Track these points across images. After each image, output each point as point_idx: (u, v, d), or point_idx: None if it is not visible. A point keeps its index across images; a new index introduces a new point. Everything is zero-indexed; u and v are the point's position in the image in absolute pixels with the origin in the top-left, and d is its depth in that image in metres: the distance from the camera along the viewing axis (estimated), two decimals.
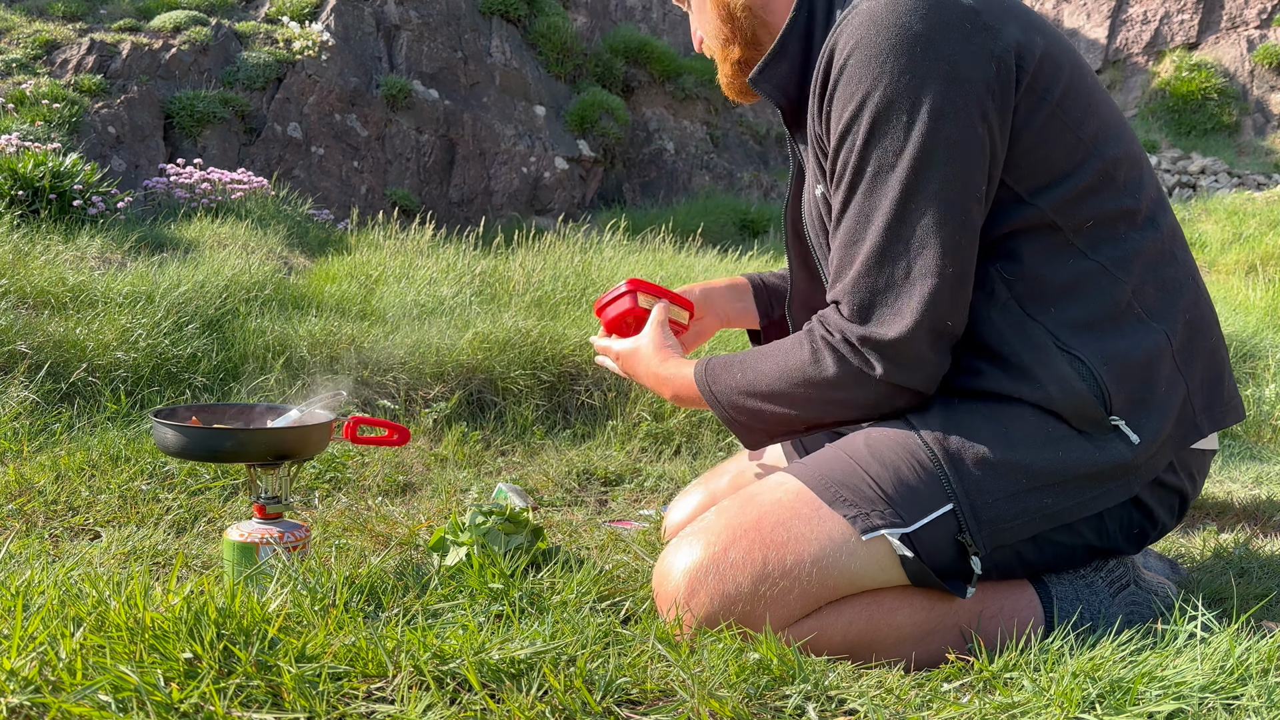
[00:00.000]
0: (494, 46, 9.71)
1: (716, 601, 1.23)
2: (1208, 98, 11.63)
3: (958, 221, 1.22)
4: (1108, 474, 1.26)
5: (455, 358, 3.05)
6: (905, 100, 1.20)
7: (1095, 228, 1.28)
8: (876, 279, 1.24)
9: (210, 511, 1.96)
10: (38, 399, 2.48)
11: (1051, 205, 1.27)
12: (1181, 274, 1.35)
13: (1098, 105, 1.32)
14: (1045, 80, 1.26)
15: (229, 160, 7.47)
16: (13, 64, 6.99)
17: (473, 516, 1.55)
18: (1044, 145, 1.27)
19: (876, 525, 1.23)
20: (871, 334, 1.24)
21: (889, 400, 1.28)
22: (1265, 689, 1.03)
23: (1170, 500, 1.35)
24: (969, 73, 1.21)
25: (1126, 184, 1.31)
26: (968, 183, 1.22)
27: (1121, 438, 1.26)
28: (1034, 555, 1.31)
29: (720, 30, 1.47)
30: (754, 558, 1.23)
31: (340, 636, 1.05)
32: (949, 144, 1.20)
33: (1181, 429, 1.31)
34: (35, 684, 0.91)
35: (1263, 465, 2.78)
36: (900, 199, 1.22)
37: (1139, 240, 1.30)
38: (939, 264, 1.21)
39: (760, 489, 1.31)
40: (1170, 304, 1.31)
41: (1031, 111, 1.25)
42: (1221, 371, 1.37)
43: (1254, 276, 6.11)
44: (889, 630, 1.26)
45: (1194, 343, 1.33)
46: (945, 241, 1.21)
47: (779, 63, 1.39)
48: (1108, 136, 1.31)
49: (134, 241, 4.46)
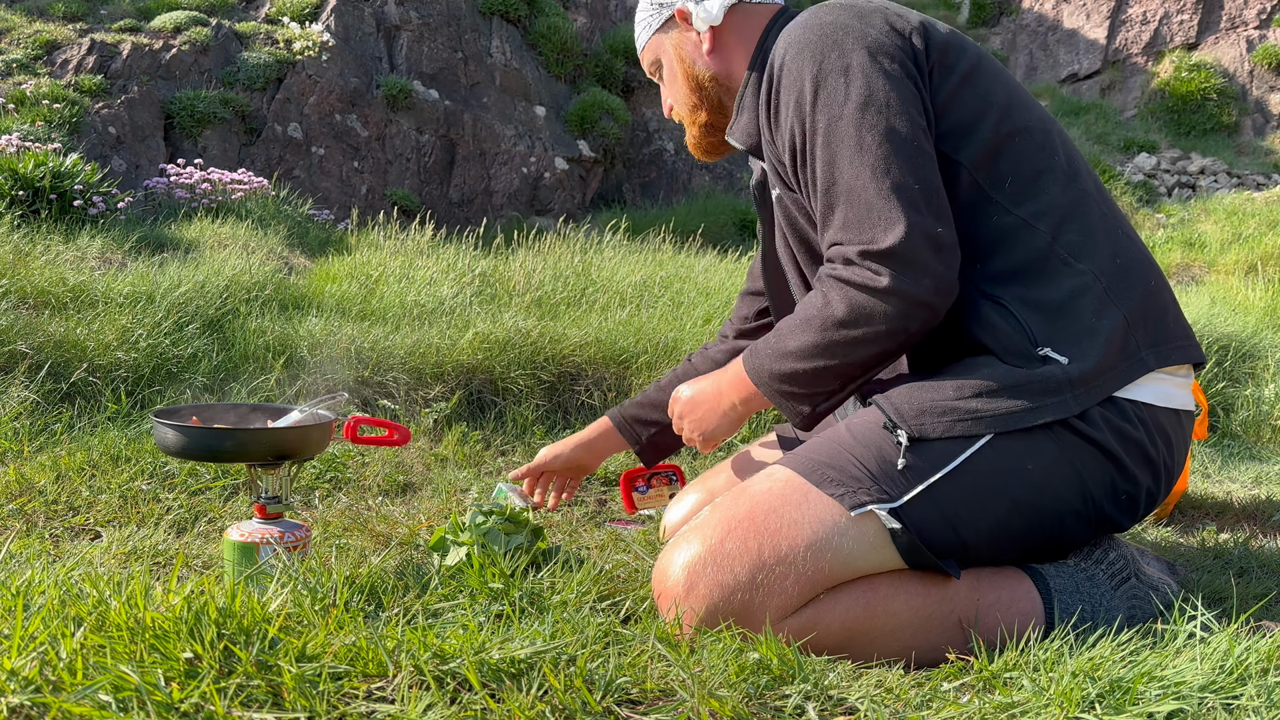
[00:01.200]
0: (494, 47, 9.71)
1: (716, 593, 1.24)
2: (1207, 98, 11.63)
3: (912, 146, 1.33)
4: (1039, 386, 1.31)
5: (455, 358, 3.05)
6: (836, 67, 1.38)
7: (1015, 183, 1.39)
8: (858, 206, 1.33)
9: (211, 511, 1.96)
10: (38, 399, 2.48)
11: (972, 161, 1.38)
12: (1108, 224, 1.43)
13: (1006, 85, 1.46)
14: (952, 57, 1.42)
15: (229, 160, 7.47)
16: (13, 64, 6.99)
17: (473, 516, 1.55)
18: (957, 109, 1.40)
19: (864, 501, 1.26)
20: (868, 247, 1.31)
21: (903, 318, 1.32)
22: (1265, 689, 1.04)
23: (1145, 459, 1.36)
24: (883, 41, 1.39)
25: (1041, 147, 1.42)
26: (911, 117, 1.34)
27: (1050, 362, 1.33)
28: (1019, 523, 1.33)
29: (689, 98, 1.65)
30: (749, 546, 1.26)
31: (340, 636, 1.05)
32: (884, 88, 1.35)
33: (1125, 360, 1.35)
34: (36, 684, 0.91)
35: (1262, 465, 2.78)
36: (857, 137, 1.34)
37: (1058, 195, 1.40)
38: (907, 179, 1.32)
39: (752, 482, 1.35)
40: (1094, 247, 1.39)
41: (942, 80, 1.40)
42: (1165, 313, 1.42)
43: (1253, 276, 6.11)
44: (886, 618, 1.27)
45: (1127, 278, 1.39)
46: (906, 161, 1.32)
47: (740, 115, 1.57)
48: (1018, 107, 1.44)
49: (134, 242, 4.46)
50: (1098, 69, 12.51)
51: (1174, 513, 2.22)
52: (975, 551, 1.32)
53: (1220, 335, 3.71)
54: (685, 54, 1.64)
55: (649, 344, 3.20)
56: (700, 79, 1.63)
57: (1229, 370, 3.54)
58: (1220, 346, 3.64)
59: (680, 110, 1.69)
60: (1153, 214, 9.44)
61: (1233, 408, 3.28)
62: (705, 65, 1.63)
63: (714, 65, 1.62)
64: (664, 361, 3.14)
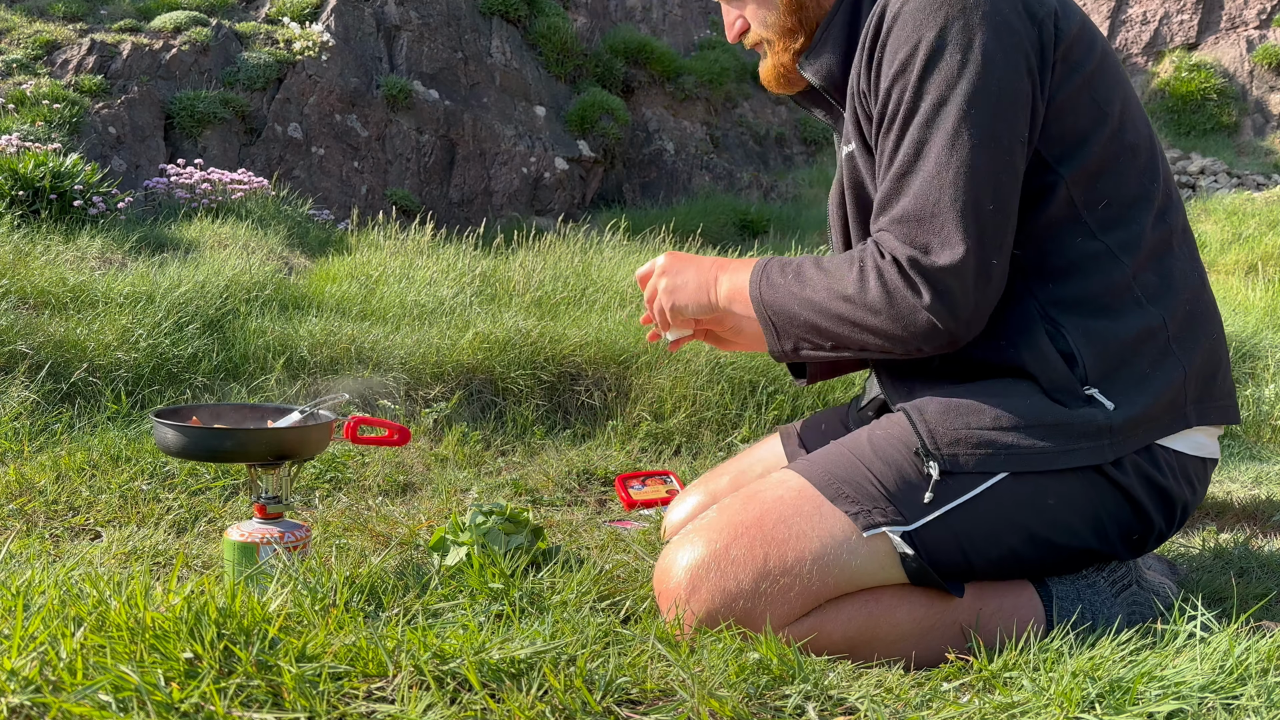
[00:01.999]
0: (494, 47, 9.71)
1: (718, 598, 1.23)
2: (1207, 98, 11.63)
3: (1004, 161, 1.25)
4: (1078, 430, 1.27)
5: (455, 358, 3.05)
6: (958, 43, 1.25)
7: (1109, 209, 1.31)
8: (926, 207, 1.25)
9: (211, 511, 1.96)
10: (38, 399, 2.48)
11: (1072, 175, 1.30)
12: (1187, 268, 1.36)
13: (1125, 93, 1.36)
14: (1079, 54, 1.31)
15: (229, 160, 7.47)
16: (13, 64, 6.99)
17: (473, 516, 1.55)
18: (1071, 113, 1.30)
19: (878, 522, 1.23)
20: (922, 260, 1.24)
21: (924, 338, 1.27)
22: (1265, 689, 1.04)
23: (1166, 504, 1.34)
24: (1016, 27, 1.26)
25: (1145, 170, 1.34)
26: (1015, 126, 1.25)
27: (1095, 404, 1.28)
28: (1031, 554, 1.31)
29: (785, 20, 1.49)
30: (755, 554, 1.24)
31: (340, 636, 1.05)
32: (999, 86, 1.24)
33: (1170, 414, 1.32)
34: (36, 684, 0.91)
35: (1262, 465, 2.78)
36: (953, 132, 1.24)
37: (1149, 231, 1.33)
38: (985, 198, 1.24)
39: (762, 486, 1.32)
40: (1171, 292, 1.33)
41: (1064, 79, 1.29)
42: (1218, 369, 1.38)
43: (1253, 276, 6.11)
44: (888, 628, 1.26)
45: (1194, 331, 1.34)
46: (993, 178, 1.24)
47: (823, 50, 1.44)
48: (1130, 121, 1.35)
49: (134, 242, 4.46)
50: None
51: None
52: (982, 574, 1.30)
53: None
54: None
55: (649, 344, 3.20)
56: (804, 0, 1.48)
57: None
58: None
59: (769, 33, 1.52)
60: None
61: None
62: None
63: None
64: (664, 361, 3.14)
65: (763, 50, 1.55)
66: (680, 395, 3.01)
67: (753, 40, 1.55)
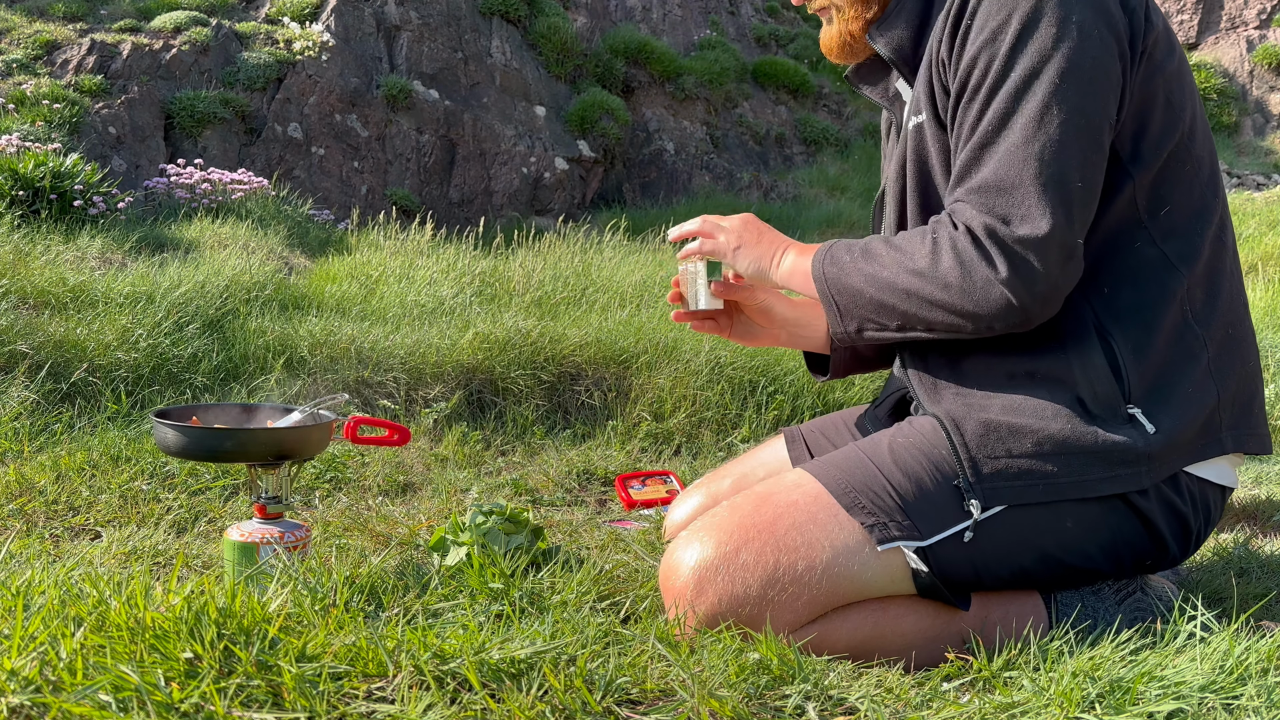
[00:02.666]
0: (494, 47, 9.71)
1: (724, 602, 1.22)
2: (1207, 98, 11.63)
3: (1093, 139, 1.22)
4: (1118, 457, 1.24)
5: (455, 358, 3.05)
6: (1055, 15, 1.21)
7: (1170, 216, 1.29)
8: (1010, 177, 1.21)
9: (211, 511, 1.96)
10: (38, 399, 2.48)
11: (1141, 175, 1.27)
12: (1232, 289, 1.35)
13: (1195, 103, 1.34)
14: (1162, 52, 1.28)
15: (229, 160, 7.47)
16: (13, 64, 6.99)
17: (473, 516, 1.55)
18: (1148, 111, 1.28)
19: (893, 536, 1.22)
20: (1000, 229, 1.20)
21: (999, 316, 1.22)
22: (1265, 689, 1.04)
23: (1184, 532, 1.33)
24: (1110, 9, 1.23)
25: (1208, 183, 1.32)
26: (1106, 105, 1.23)
27: (1137, 426, 1.25)
28: (1042, 572, 1.30)
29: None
30: (766, 561, 1.22)
31: (340, 636, 1.05)
32: (1093, 62, 1.21)
33: (1204, 437, 1.29)
34: (36, 684, 0.91)
35: (1263, 465, 2.78)
36: (1043, 105, 1.21)
37: (1205, 244, 1.30)
38: (1073, 173, 1.20)
39: (776, 487, 1.29)
40: (1215, 312, 1.31)
41: (1147, 75, 1.27)
42: (1254, 396, 1.36)
43: (1254, 276, 6.11)
44: (894, 637, 1.26)
45: (1231, 356, 1.32)
46: (1081, 155, 1.21)
47: (897, 20, 1.40)
48: (1200, 132, 1.33)
49: (134, 242, 4.46)
50: None
51: None
52: (989, 588, 1.30)
53: None
54: None
55: (649, 344, 3.20)
56: None
57: None
58: None
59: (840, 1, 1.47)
60: None
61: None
62: None
63: None
64: (664, 361, 3.14)
65: (829, 16, 1.50)
66: (680, 395, 3.01)
67: (821, 4, 1.49)
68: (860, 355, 1.66)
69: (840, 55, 1.51)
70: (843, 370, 1.65)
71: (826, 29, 1.51)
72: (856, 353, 1.65)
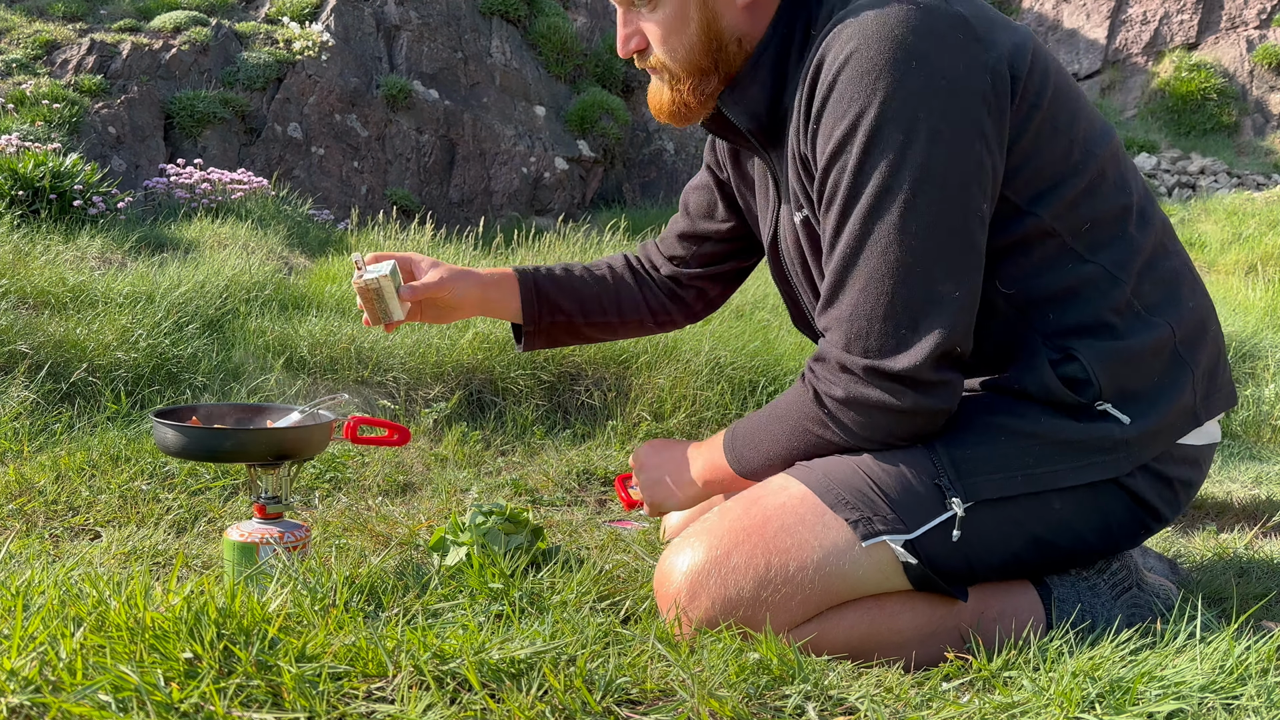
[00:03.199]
0: (494, 47, 9.71)
1: (718, 605, 1.22)
2: (1207, 98, 11.63)
3: (962, 244, 1.19)
4: (1094, 445, 1.26)
5: (455, 358, 3.05)
6: (901, 119, 1.15)
7: (1093, 230, 1.28)
8: (877, 307, 1.19)
9: (210, 511, 1.96)
10: (38, 399, 2.48)
11: (1050, 212, 1.25)
12: (1178, 264, 1.35)
13: (1081, 104, 1.31)
14: (1036, 86, 1.24)
15: (229, 160, 7.46)
16: (13, 64, 6.99)
17: (473, 516, 1.55)
18: (1039, 153, 1.25)
19: (879, 531, 1.22)
20: (879, 365, 1.20)
21: (926, 427, 1.25)
22: (1265, 689, 1.04)
23: (1173, 497, 1.35)
24: (965, 88, 1.17)
25: (1117, 181, 1.31)
26: (969, 203, 1.19)
27: (1110, 419, 1.27)
28: (1034, 556, 1.31)
29: (699, 59, 1.32)
30: (756, 563, 1.22)
31: (340, 636, 1.05)
32: (948, 164, 1.16)
33: (1183, 418, 1.31)
34: (35, 684, 0.91)
35: (1263, 465, 2.78)
36: (900, 224, 1.17)
37: (1136, 238, 1.30)
38: (943, 285, 1.19)
39: (764, 492, 1.30)
40: (1172, 296, 1.32)
41: (1025, 120, 1.23)
42: (1219, 359, 1.38)
43: (1254, 276, 6.11)
44: (890, 634, 1.26)
45: (1199, 332, 1.33)
46: (950, 266, 1.19)
47: (750, 85, 1.31)
48: (1094, 134, 1.30)
49: (134, 242, 4.46)
50: (1098, 69, 12.50)
51: None
52: (984, 578, 1.30)
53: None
54: (712, 1, 1.30)
55: (649, 344, 3.20)
56: (724, 38, 1.31)
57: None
58: None
59: (675, 65, 1.32)
60: None
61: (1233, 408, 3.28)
62: (735, 22, 1.30)
63: (744, 24, 1.31)
64: (664, 361, 3.14)
65: (661, 76, 1.36)
66: (680, 395, 3.01)
67: (653, 64, 1.36)
68: (555, 339, 1.72)
69: (672, 120, 1.39)
70: (538, 347, 1.71)
71: (658, 87, 1.38)
72: (551, 338, 1.71)
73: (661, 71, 1.36)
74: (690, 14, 1.29)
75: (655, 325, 1.76)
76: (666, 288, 1.75)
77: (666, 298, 1.76)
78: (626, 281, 1.74)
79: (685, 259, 1.72)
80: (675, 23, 1.30)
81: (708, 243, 1.70)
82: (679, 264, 1.73)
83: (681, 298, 1.76)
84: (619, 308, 1.73)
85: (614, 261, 1.77)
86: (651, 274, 1.77)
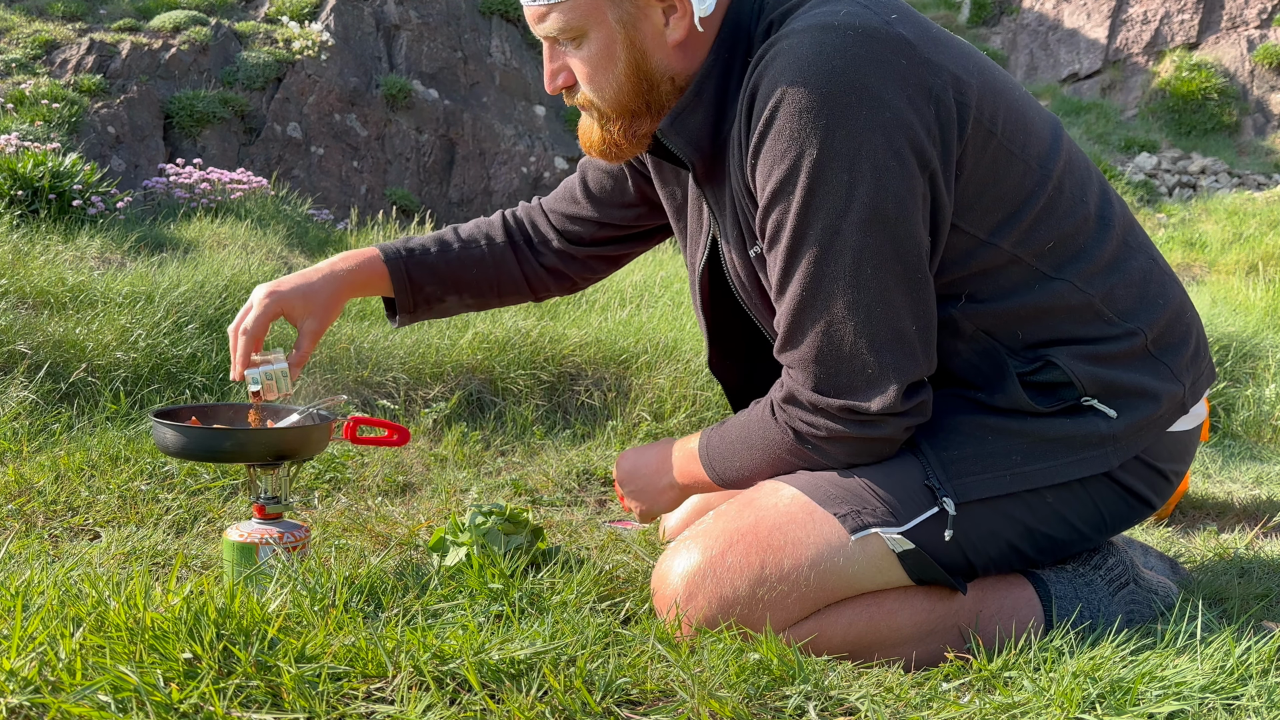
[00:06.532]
0: (494, 46, 9.71)
1: (715, 605, 1.23)
2: (1208, 98, 11.63)
3: (914, 279, 1.19)
4: (1082, 441, 1.27)
5: (455, 358, 3.05)
6: (844, 158, 1.12)
7: (1056, 248, 1.27)
8: (840, 351, 1.20)
9: (210, 512, 1.95)
10: (37, 399, 2.48)
11: (1010, 240, 1.25)
12: (1144, 260, 1.35)
13: (1030, 118, 1.29)
14: (989, 110, 1.22)
15: (229, 160, 7.46)
16: (12, 64, 6.99)
17: (472, 516, 1.55)
18: (996, 181, 1.23)
19: (868, 523, 1.23)
20: (854, 405, 1.21)
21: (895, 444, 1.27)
22: (1265, 689, 1.03)
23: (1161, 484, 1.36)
24: (908, 118, 1.14)
25: (1073, 192, 1.30)
26: (915, 238, 1.18)
27: (1097, 413, 1.28)
28: (1029, 548, 1.31)
29: (629, 100, 1.27)
30: (751, 562, 1.23)
31: (340, 637, 1.05)
32: (894, 201, 1.15)
33: (1171, 409, 1.32)
34: (35, 684, 0.91)
35: (1263, 465, 2.78)
36: (853, 265, 1.16)
37: (1098, 246, 1.30)
38: (902, 324, 1.20)
39: (757, 494, 1.31)
40: (1143, 297, 1.32)
41: (981, 148, 1.21)
42: (1199, 346, 1.38)
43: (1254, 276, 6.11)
44: (889, 632, 1.26)
45: (1175, 324, 1.34)
46: (905, 300, 1.19)
47: (692, 115, 1.26)
48: (1046, 150, 1.28)
49: (133, 241, 4.46)
50: (1098, 69, 12.50)
51: (1175, 513, 2.22)
52: (981, 571, 1.31)
53: (1221, 335, 3.71)
54: (639, 39, 1.23)
55: (649, 344, 3.20)
56: (655, 78, 1.26)
57: (1230, 370, 3.54)
58: (1221, 347, 3.63)
59: (603, 104, 1.28)
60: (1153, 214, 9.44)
61: (1233, 408, 3.28)
62: (666, 62, 1.25)
63: (676, 63, 1.26)
64: (664, 361, 3.14)
65: (591, 114, 1.31)
66: (680, 395, 3.01)
67: (580, 102, 1.31)
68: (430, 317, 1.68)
69: (604, 159, 1.35)
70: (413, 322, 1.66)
71: (588, 125, 1.33)
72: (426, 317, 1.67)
73: (591, 109, 1.31)
74: (617, 53, 1.23)
75: (533, 298, 1.70)
76: (551, 262, 1.66)
77: (547, 272, 1.67)
78: (506, 256, 1.65)
79: (582, 236, 1.63)
80: (601, 61, 1.25)
81: (610, 226, 1.62)
82: (573, 240, 1.64)
83: (565, 273, 1.68)
84: (498, 287, 1.66)
85: (492, 231, 1.66)
86: (535, 245, 1.66)
